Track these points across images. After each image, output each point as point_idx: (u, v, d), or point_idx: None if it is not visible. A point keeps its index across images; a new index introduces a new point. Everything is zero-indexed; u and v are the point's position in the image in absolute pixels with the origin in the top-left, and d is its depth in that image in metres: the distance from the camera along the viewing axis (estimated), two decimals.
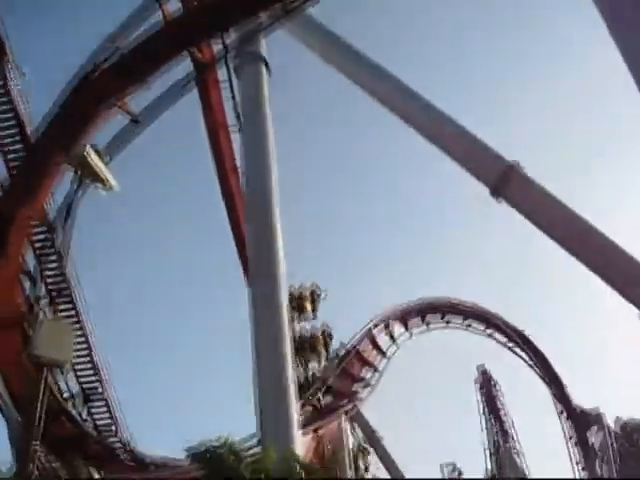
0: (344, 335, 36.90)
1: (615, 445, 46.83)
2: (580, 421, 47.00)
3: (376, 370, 36.75)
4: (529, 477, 50.01)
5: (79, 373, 21.80)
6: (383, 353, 37.95)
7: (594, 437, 46.95)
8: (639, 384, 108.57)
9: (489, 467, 49.82)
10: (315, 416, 30.33)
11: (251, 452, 13.66)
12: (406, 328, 41.19)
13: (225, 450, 10.44)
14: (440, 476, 43.05)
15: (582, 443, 47.73)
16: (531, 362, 49.74)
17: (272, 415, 14.91)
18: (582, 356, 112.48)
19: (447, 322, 46.75)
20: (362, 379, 35.86)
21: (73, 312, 21.70)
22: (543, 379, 49.70)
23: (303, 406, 29.31)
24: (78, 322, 21.52)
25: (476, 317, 47.81)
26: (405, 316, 41.12)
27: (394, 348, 39.03)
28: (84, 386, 21.93)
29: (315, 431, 26.73)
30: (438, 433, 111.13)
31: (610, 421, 50.85)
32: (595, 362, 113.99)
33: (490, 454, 53.59)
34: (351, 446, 30.84)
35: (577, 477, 46.42)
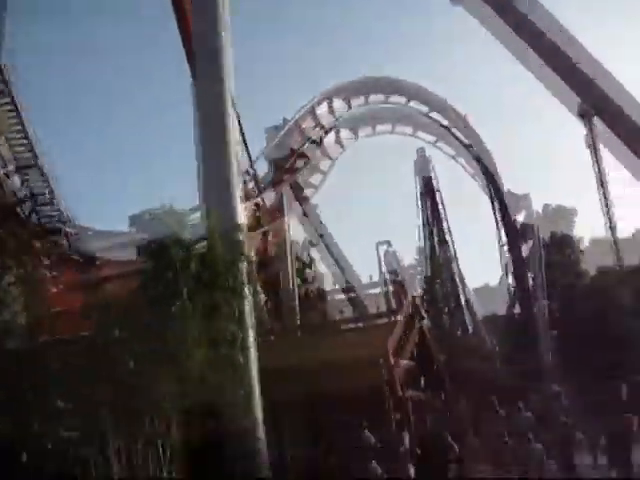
0: None
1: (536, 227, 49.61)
2: (508, 204, 48.87)
3: (314, 142, 36.22)
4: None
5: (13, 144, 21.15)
6: (323, 127, 37.18)
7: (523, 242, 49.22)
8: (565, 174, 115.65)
9: (422, 245, 52.45)
10: (256, 189, 30.02)
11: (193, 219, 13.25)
12: (349, 106, 40.11)
13: (166, 212, 10.12)
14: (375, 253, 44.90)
15: (508, 226, 50.25)
16: (467, 144, 50.28)
17: (214, 187, 14.16)
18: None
19: (389, 101, 45.43)
20: (303, 155, 35.26)
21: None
22: (477, 161, 50.70)
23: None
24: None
25: (418, 98, 46.98)
26: (349, 94, 39.92)
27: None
28: (18, 157, 21.28)
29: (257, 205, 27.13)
30: (378, 218, 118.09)
31: (539, 208, 53.12)
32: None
33: (424, 235, 56.54)
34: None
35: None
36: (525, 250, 48.71)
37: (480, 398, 25.11)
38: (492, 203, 51.07)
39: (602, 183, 53.57)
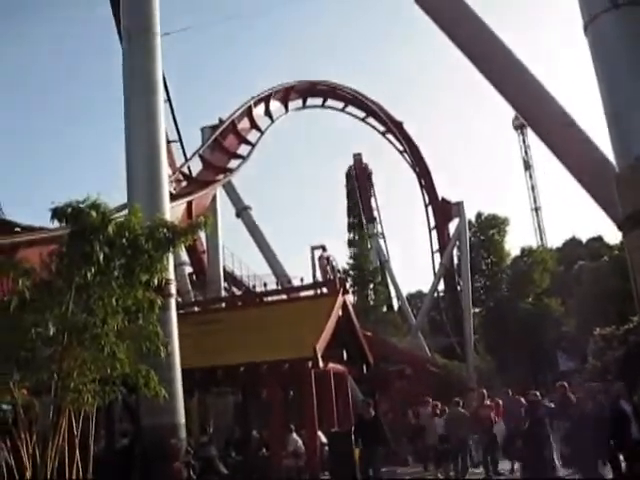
0: None
1: (469, 234, 50.67)
2: (443, 210, 49.97)
3: (250, 144, 36.17)
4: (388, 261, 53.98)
5: None
6: (259, 128, 37.30)
7: (452, 226, 50.35)
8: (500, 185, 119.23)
9: (355, 253, 52.99)
10: (188, 188, 30.13)
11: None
12: (286, 108, 40.52)
13: (90, 206, 9.69)
14: (310, 256, 45.32)
15: (441, 231, 51.43)
16: (403, 150, 51.36)
17: (141, 182, 14.24)
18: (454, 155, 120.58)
19: (326, 107, 47.06)
20: (238, 156, 35.37)
21: None
22: (414, 168, 51.91)
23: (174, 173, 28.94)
24: None
25: (355, 104, 48.13)
26: (286, 95, 40.29)
27: (268, 122, 38.54)
28: None
29: (188, 204, 26.59)
30: (308, 213, 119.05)
31: (472, 216, 54.91)
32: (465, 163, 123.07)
33: (354, 237, 57.01)
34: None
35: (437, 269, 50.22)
36: (452, 229, 49.98)
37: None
38: (419, 181, 52.08)
39: (533, 190, 54.88)
